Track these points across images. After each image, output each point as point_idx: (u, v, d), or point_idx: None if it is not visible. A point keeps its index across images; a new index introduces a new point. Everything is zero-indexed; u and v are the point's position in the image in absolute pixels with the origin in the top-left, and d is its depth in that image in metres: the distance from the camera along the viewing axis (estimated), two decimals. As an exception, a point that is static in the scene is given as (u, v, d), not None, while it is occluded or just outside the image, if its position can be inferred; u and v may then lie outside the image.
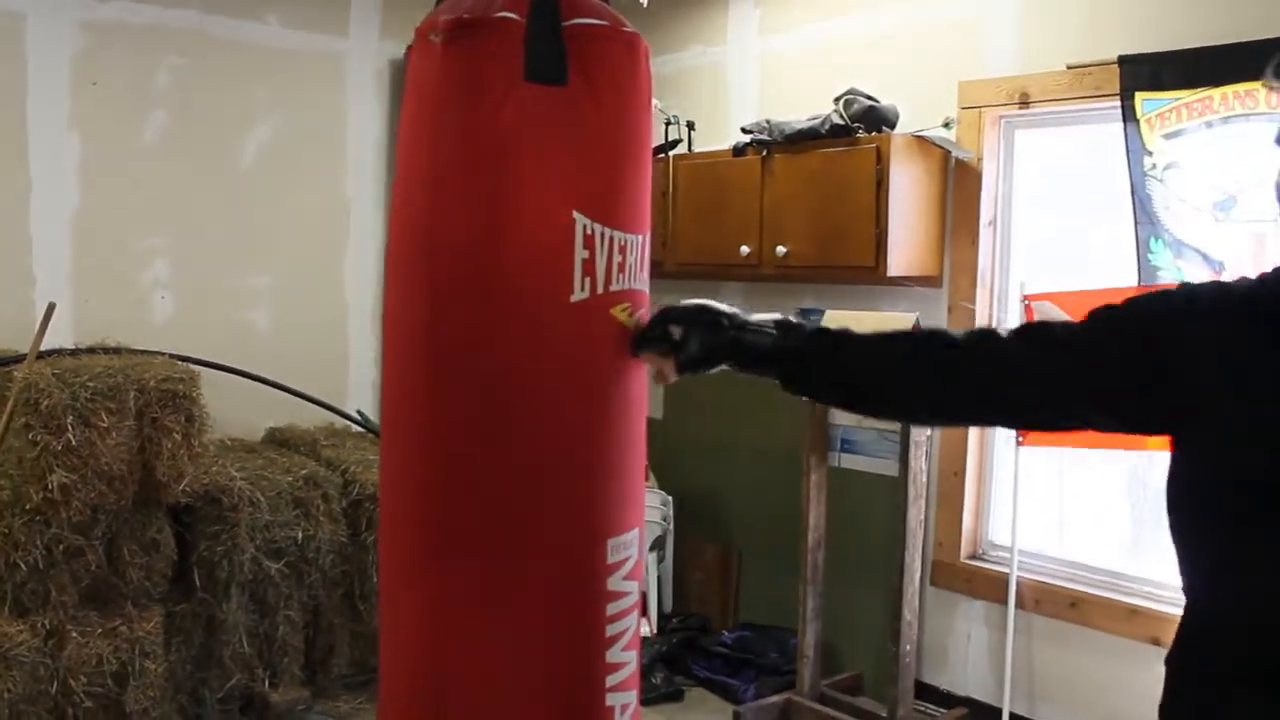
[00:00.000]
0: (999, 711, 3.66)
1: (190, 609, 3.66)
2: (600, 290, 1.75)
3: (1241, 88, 3.10)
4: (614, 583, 1.85)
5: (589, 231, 1.73)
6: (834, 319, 3.82)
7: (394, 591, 1.89)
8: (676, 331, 1.68)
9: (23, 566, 3.28)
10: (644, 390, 1.89)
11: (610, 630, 1.85)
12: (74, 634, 3.35)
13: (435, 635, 1.81)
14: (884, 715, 3.74)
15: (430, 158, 1.73)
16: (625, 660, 1.89)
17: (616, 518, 1.85)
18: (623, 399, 1.84)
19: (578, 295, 1.73)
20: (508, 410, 1.73)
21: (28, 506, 3.27)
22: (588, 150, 1.75)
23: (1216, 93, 3.15)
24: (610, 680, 1.87)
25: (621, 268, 1.78)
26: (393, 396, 1.87)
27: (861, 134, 3.85)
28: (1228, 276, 3.14)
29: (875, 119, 3.86)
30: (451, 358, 1.74)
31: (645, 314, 1.83)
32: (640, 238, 1.83)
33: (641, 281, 1.85)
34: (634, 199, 1.82)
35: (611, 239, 1.76)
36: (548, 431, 1.76)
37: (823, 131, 3.93)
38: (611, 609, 1.85)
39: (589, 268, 1.73)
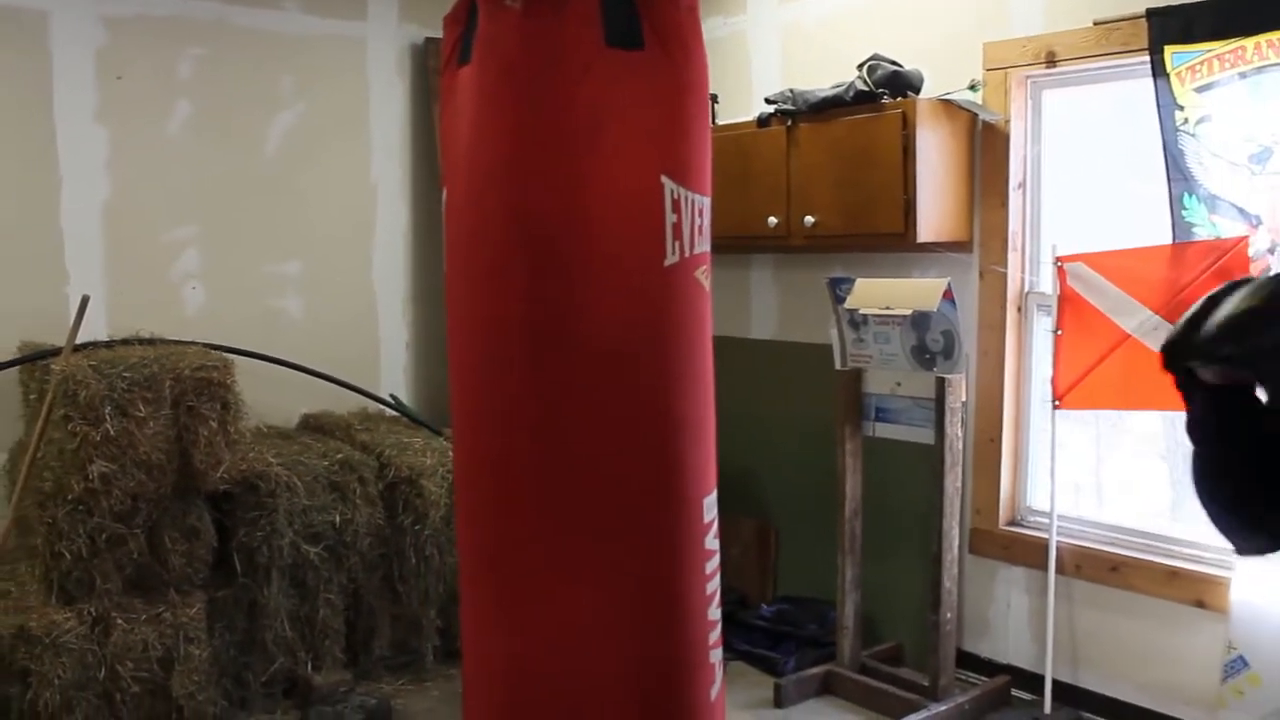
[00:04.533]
0: (1041, 678, 3.63)
1: (232, 594, 3.70)
2: (687, 253, 1.78)
3: (1276, 36, 3.02)
4: (709, 541, 1.87)
5: (675, 195, 1.75)
6: (864, 287, 3.78)
7: (490, 574, 1.87)
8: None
9: (67, 556, 3.33)
10: (712, 353, 1.91)
11: (709, 588, 1.88)
12: (119, 621, 3.41)
13: (545, 614, 1.80)
14: (925, 684, 3.73)
15: (515, 130, 1.72)
16: (718, 618, 1.92)
17: (706, 477, 1.88)
18: (704, 360, 1.86)
19: (670, 259, 1.76)
20: (611, 376, 1.75)
21: (70, 497, 3.32)
22: (667, 115, 1.76)
23: (1250, 42, 3.07)
24: (712, 637, 1.90)
25: (700, 230, 1.82)
26: (476, 375, 1.85)
27: (886, 100, 3.80)
28: (1264, 230, 3.09)
29: (900, 84, 3.81)
30: (551, 328, 1.74)
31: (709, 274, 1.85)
32: (709, 200, 1.86)
33: (709, 243, 1.87)
34: (704, 161, 1.84)
35: (692, 201, 1.79)
36: (647, 395, 1.77)
37: (847, 99, 3.88)
38: (709, 567, 1.87)
39: (678, 231, 1.76)
